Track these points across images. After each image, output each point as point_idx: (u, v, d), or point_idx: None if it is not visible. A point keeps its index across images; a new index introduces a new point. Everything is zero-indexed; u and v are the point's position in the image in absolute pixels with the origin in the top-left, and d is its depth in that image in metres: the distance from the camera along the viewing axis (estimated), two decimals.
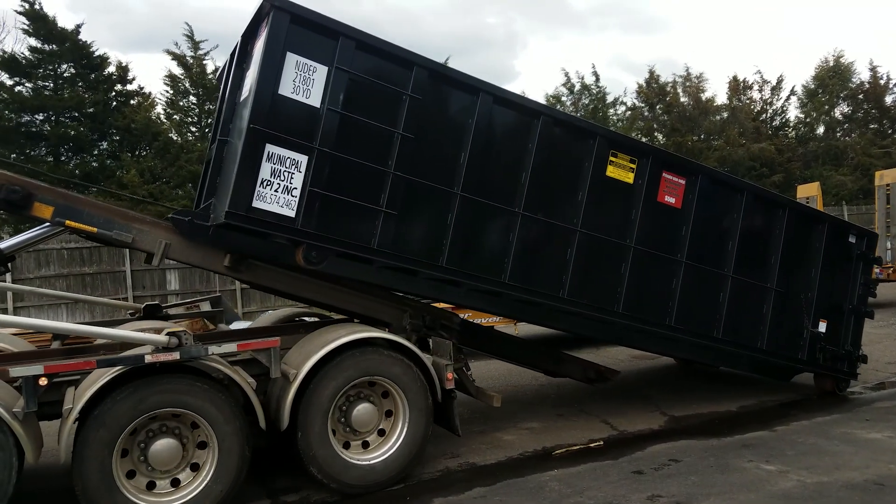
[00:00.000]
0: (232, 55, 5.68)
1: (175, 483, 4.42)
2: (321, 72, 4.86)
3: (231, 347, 4.62)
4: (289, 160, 4.79)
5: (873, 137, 30.79)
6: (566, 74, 34.14)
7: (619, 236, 6.27)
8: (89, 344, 5.44)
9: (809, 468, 5.19)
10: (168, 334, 4.36)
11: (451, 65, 26.88)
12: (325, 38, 4.90)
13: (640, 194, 6.29)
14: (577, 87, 28.70)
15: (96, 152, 22.24)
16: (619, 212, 6.28)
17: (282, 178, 4.77)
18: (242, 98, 5.14)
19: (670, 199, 6.48)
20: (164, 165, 21.46)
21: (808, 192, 17.48)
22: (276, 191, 4.76)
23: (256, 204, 4.70)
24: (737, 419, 6.89)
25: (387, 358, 5.08)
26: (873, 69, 32.21)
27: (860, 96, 31.90)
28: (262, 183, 4.70)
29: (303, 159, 4.83)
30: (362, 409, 5.06)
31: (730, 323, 6.85)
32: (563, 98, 29.14)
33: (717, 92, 40.94)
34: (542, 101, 29.01)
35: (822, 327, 7.47)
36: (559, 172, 6.02)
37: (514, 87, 46.66)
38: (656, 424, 6.72)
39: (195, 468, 4.49)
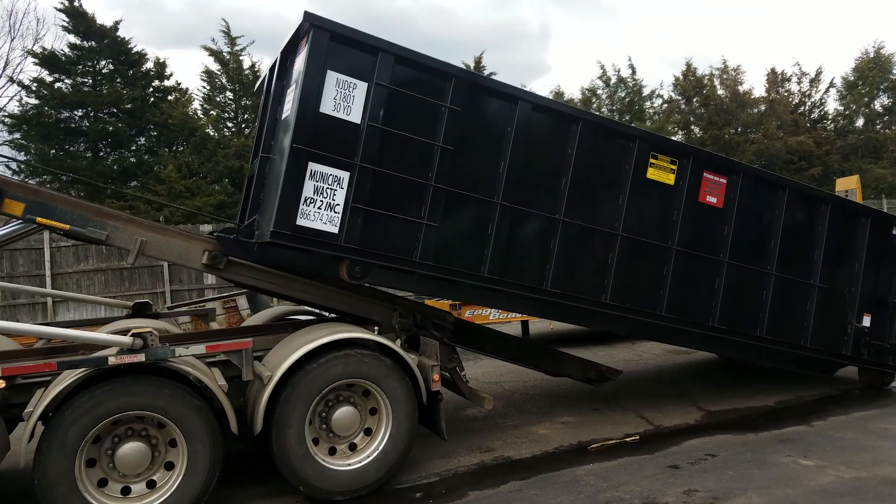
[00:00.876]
0: (272, 69, 5.76)
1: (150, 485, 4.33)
2: (361, 88, 4.92)
3: (200, 349, 4.53)
4: (331, 177, 4.86)
5: None
6: (602, 67, 33.87)
7: (661, 238, 6.26)
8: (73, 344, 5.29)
9: (847, 463, 5.15)
10: (133, 335, 4.24)
11: (485, 59, 26.92)
12: (365, 54, 4.95)
13: (682, 195, 6.27)
14: (614, 79, 28.40)
15: (134, 148, 22.67)
16: (661, 214, 6.26)
17: (325, 195, 4.85)
18: (284, 116, 5.19)
19: (712, 199, 6.45)
20: (201, 161, 21.80)
21: (847, 186, 17.07)
22: (319, 208, 4.83)
23: (300, 222, 4.77)
24: (774, 414, 6.83)
25: (369, 359, 4.90)
26: None
27: None
28: (305, 201, 4.78)
29: (344, 175, 4.90)
30: (343, 413, 4.89)
31: (773, 321, 6.80)
32: (599, 91, 28.89)
33: (755, 84, 40.16)
34: (578, 94, 28.89)
35: (867, 321, 7.39)
36: (599, 176, 6.03)
37: (547, 81, 46.40)
38: (692, 419, 6.69)
39: (169, 467, 4.39)
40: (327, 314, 6.11)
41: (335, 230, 4.90)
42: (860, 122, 31.80)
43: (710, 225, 6.49)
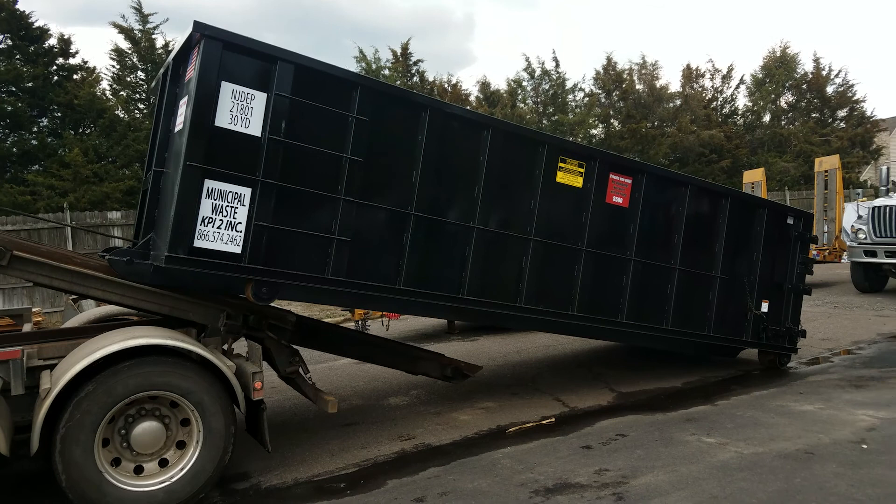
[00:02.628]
0: (164, 74, 5.43)
1: None
2: (260, 99, 4.69)
3: None
4: (231, 194, 4.62)
5: (815, 126, 31.93)
6: (527, 59, 34.29)
7: (572, 240, 6.43)
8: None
9: (747, 440, 5.44)
10: None
11: (411, 47, 26.75)
12: (262, 63, 4.71)
13: (590, 197, 6.45)
14: (538, 72, 28.83)
15: (36, 129, 21.26)
16: (571, 216, 6.43)
17: (224, 213, 4.61)
18: (177, 129, 4.90)
19: (618, 200, 6.67)
20: (110, 144, 20.71)
21: (754, 178, 18.09)
22: (219, 227, 4.59)
23: (199, 243, 4.51)
24: (681, 394, 7.16)
25: (172, 368, 4.35)
26: (816, 60, 33.37)
27: (804, 86, 32.99)
28: (203, 221, 4.52)
29: (246, 192, 4.67)
30: (144, 429, 4.33)
31: (679, 313, 7.14)
32: (525, 83, 29.26)
33: (671, 80, 41.68)
34: (504, 85, 29.15)
35: (765, 307, 7.84)
36: (511, 182, 6.10)
37: (473, 71, 46.51)
38: (605, 400, 6.93)
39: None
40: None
41: (238, 250, 4.67)
42: (767, 118, 33.74)
43: (617, 225, 6.73)
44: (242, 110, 4.64)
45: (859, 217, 13.50)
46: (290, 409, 6.87)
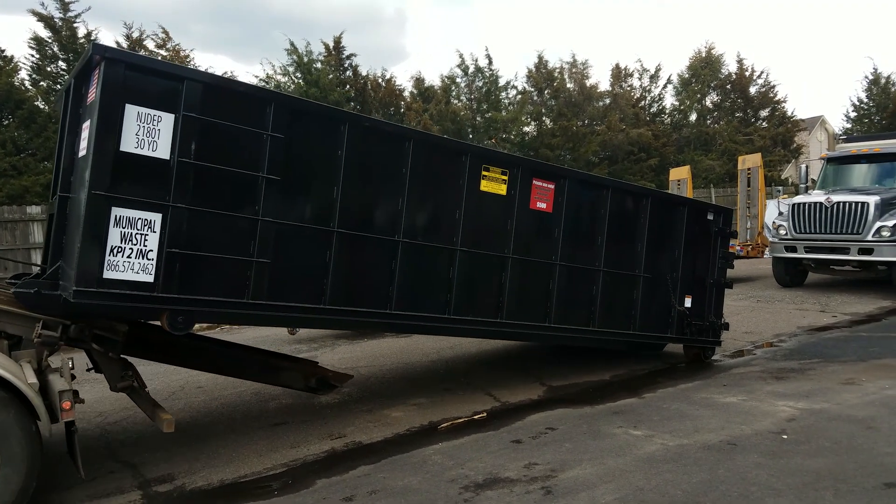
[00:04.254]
0: (66, 93, 5.19)
1: None
2: (167, 120, 4.52)
3: None
4: (140, 221, 4.44)
5: (738, 125, 33.29)
6: (460, 56, 34.41)
7: (498, 248, 6.47)
8: None
9: (672, 432, 5.59)
10: None
11: (344, 42, 26.37)
12: (168, 83, 4.56)
13: (514, 204, 6.51)
14: (472, 69, 28.96)
15: None
16: (496, 224, 6.47)
17: (134, 241, 4.42)
18: (81, 154, 4.69)
19: (542, 205, 6.75)
20: (30, 136, 19.65)
21: (680, 175, 18.70)
22: (129, 257, 4.40)
23: (108, 275, 4.33)
24: (609, 387, 7.32)
25: None
26: (740, 61, 34.77)
27: (728, 86, 34.36)
28: (111, 251, 4.33)
29: (156, 218, 4.49)
30: None
31: (605, 313, 7.30)
32: (458, 79, 29.33)
33: (601, 79, 42.55)
34: (438, 81, 29.13)
35: (688, 302, 8.10)
36: (435, 193, 6.12)
37: (406, 66, 46.28)
38: (536, 395, 7.02)
39: None
40: None
41: (150, 279, 4.49)
42: (693, 117, 34.97)
43: (542, 230, 6.82)
44: (149, 133, 4.46)
45: (780, 213, 14.08)
46: (217, 409, 6.67)
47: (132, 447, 5.68)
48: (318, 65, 25.47)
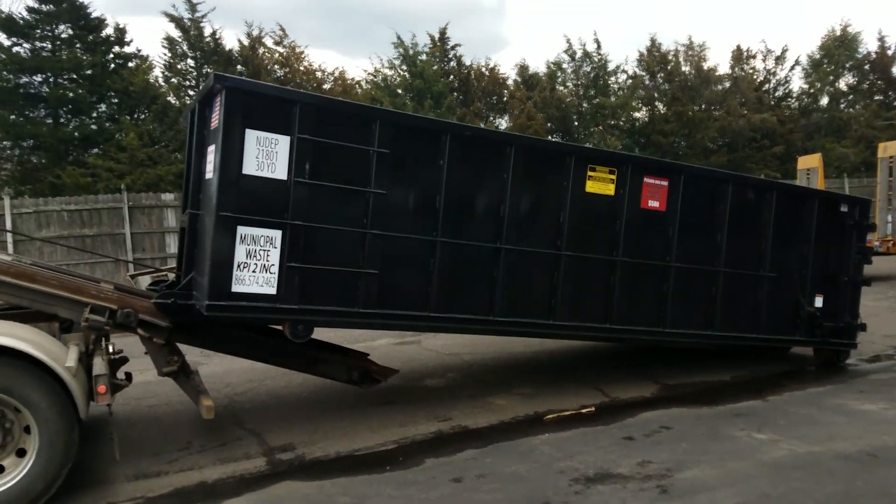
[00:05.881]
0: (192, 114, 5.55)
1: None
2: (283, 143, 4.77)
3: None
4: (262, 238, 4.74)
5: (878, 109, 30.39)
6: (567, 41, 33.68)
7: (607, 251, 6.23)
8: None
9: (801, 438, 5.23)
10: None
11: (448, 33, 26.53)
12: (283, 108, 4.81)
13: (623, 204, 6.24)
14: (579, 54, 28.24)
15: (95, 115, 22.00)
16: (604, 226, 6.23)
17: (258, 257, 4.73)
18: (208, 177, 5.07)
19: (654, 204, 6.43)
20: (163, 129, 21.30)
21: (809, 164, 17.37)
22: (253, 271, 4.72)
23: (236, 288, 4.67)
24: (730, 388, 6.94)
25: (2, 368, 4.02)
26: (881, 39, 31.69)
27: (866, 67, 31.44)
28: (238, 266, 4.67)
29: (276, 234, 4.78)
30: None
31: (725, 316, 6.88)
32: (564, 65, 28.71)
33: (720, 61, 40.18)
34: (543, 69, 28.70)
35: (819, 302, 7.48)
36: (538, 197, 5.99)
37: (506, 55, 45.75)
38: (648, 392, 6.78)
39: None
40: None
41: (273, 291, 4.79)
42: (825, 101, 32.29)
43: (655, 230, 6.49)
44: (268, 155, 4.72)
45: None
46: (330, 385, 6.88)
47: (257, 416, 6.02)
48: (423, 56, 25.76)
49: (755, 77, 31.17)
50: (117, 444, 4.37)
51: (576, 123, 27.13)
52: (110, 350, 4.79)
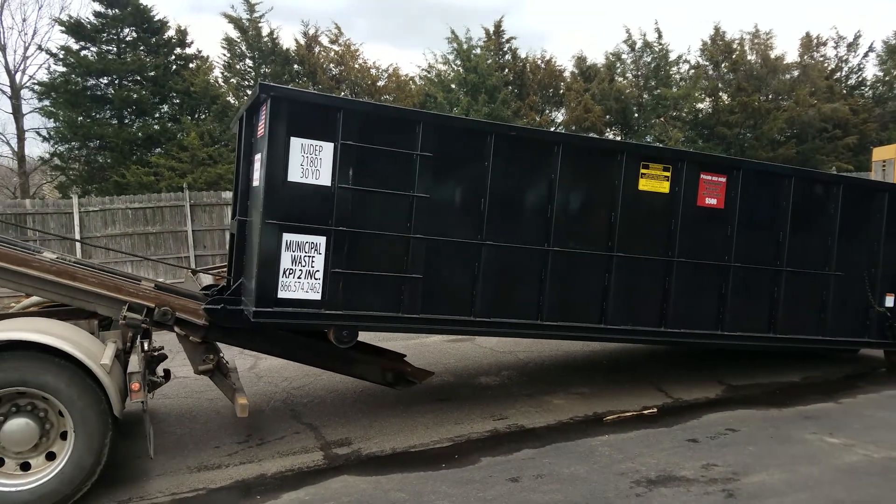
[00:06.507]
0: (241, 121, 5.62)
1: None
2: (327, 149, 4.80)
3: None
4: (307, 244, 4.80)
5: None
6: (627, 31, 32.95)
7: (661, 251, 6.02)
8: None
9: (878, 442, 4.97)
10: None
11: (503, 26, 26.28)
12: (327, 115, 4.84)
13: (679, 202, 6.02)
14: (639, 44, 27.53)
15: (157, 115, 22.75)
16: (658, 225, 6.02)
17: (303, 263, 4.79)
18: (255, 184, 5.16)
19: (711, 201, 6.18)
20: (223, 128, 21.84)
21: (885, 155, 16.45)
22: (299, 277, 4.78)
23: (282, 294, 4.74)
24: (799, 390, 6.65)
25: (36, 364, 4.07)
26: None
27: None
28: (284, 273, 4.74)
29: (321, 240, 4.83)
30: (13, 427, 4.09)
31: (788, 317, 6.58)
32: (624, 56, 28.04)
33: (788, 50, 38.57)
34: (602, 60, 28.12)
35: (890, 302, 7.08)
36: (587, 197, 5.85)
37: (563, 46, 45.02)
38: (713, 393, 6.55)
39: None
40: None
41: (318, 297, 4.85)
42: None
43: (712, 228, 6.22)
44: (312, 162, 4.77)
45: None
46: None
47: (314, 410, 6.09)
48: (478, 50, 25.58)
49: (826, 65, 29.74)
50: (152, 442, 4.41)
51: (636, 115, 26.47)
52: (145, 347, 4.81)
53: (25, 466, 4.14)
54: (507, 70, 26.23)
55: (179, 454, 5.07)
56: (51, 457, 4.18)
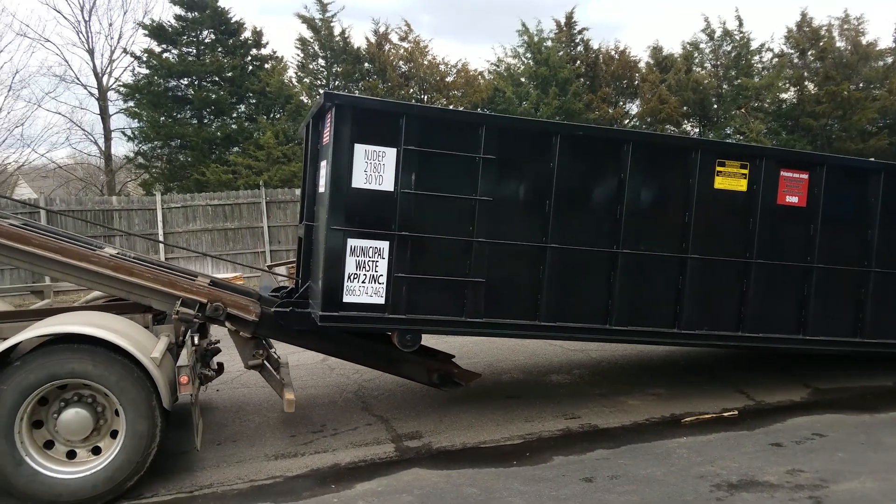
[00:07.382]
0: (307, 128, 5.71)
1: None
2: (390, 155, 4.84)
3: None
4: (371, 249, 4.86)
5: None
6: (706, 19, 31.80)
7: (738, 252, 5.76)
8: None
9: None
10: None
11: (575, 17, 25.81)
12: (389, 121, 4.87)
13: (757, 200, 5.74)
14: (719, 32, 26.46)
15: (235, 115, 23.60)
16: (734, 225, 5.77)
17: (367, 268, 4.86)
18: (321, 190, 5.26)
19: (792, 199, 5.86)
20: (297, 127, 22.38)
21: None
22: (363, 282, 4.85)
23: (347, 298, 4.83)
24: (893, 395, 6.27)
25: (91, 357, 4.15)
26: None
27: None
28: (349, 277, 4.82)
29: (384, 245, 4.88)
30: (70, 416, 4.20)
31: (876, 320, 6.19)
32: (702, 45, 27.04)
33: (881, 35, 36.28)
34: (679, 50, 27.19)
35: None
36: (658, 197, 5.66)
37: (637, 37, 43.66)
38: (798, 396, 6.24)
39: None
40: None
41: (381, 301, 4.90)
42: None
43: (793, 228, 5.90)
44: (375, 168, 4.83)
45: None
46: None
47: (385, 403, 6.18)
48: (549, 43, 25.21)
49: None
50: (199, 434, 4.47)
51: (714, 106, 25.49)
52: (195, 341, 4.89)
53: (96, 450, 4.28)
54: (578, 62, 25.77)
55: (258, 442, 5.24)
56: (97, 451, 4.29)
